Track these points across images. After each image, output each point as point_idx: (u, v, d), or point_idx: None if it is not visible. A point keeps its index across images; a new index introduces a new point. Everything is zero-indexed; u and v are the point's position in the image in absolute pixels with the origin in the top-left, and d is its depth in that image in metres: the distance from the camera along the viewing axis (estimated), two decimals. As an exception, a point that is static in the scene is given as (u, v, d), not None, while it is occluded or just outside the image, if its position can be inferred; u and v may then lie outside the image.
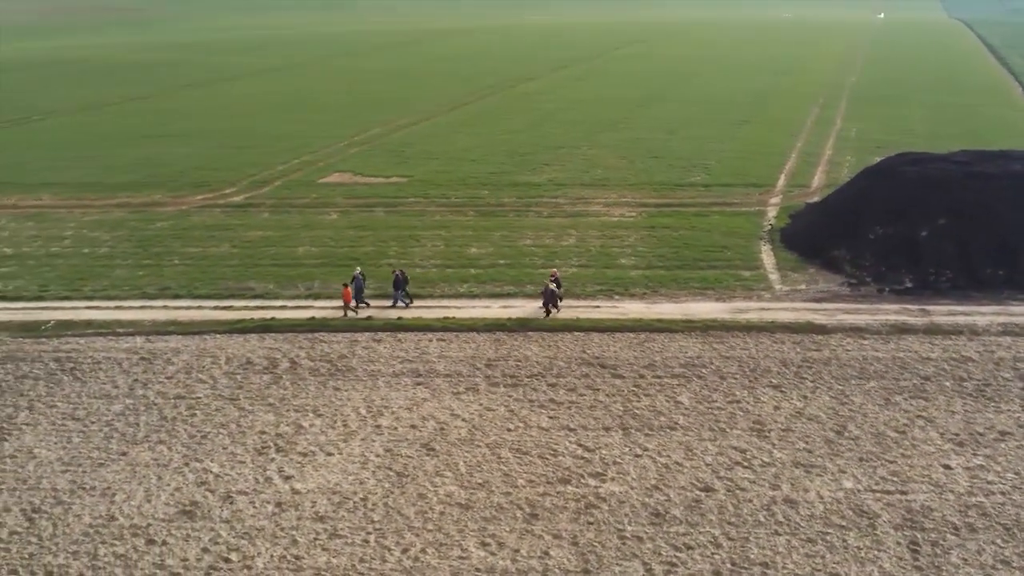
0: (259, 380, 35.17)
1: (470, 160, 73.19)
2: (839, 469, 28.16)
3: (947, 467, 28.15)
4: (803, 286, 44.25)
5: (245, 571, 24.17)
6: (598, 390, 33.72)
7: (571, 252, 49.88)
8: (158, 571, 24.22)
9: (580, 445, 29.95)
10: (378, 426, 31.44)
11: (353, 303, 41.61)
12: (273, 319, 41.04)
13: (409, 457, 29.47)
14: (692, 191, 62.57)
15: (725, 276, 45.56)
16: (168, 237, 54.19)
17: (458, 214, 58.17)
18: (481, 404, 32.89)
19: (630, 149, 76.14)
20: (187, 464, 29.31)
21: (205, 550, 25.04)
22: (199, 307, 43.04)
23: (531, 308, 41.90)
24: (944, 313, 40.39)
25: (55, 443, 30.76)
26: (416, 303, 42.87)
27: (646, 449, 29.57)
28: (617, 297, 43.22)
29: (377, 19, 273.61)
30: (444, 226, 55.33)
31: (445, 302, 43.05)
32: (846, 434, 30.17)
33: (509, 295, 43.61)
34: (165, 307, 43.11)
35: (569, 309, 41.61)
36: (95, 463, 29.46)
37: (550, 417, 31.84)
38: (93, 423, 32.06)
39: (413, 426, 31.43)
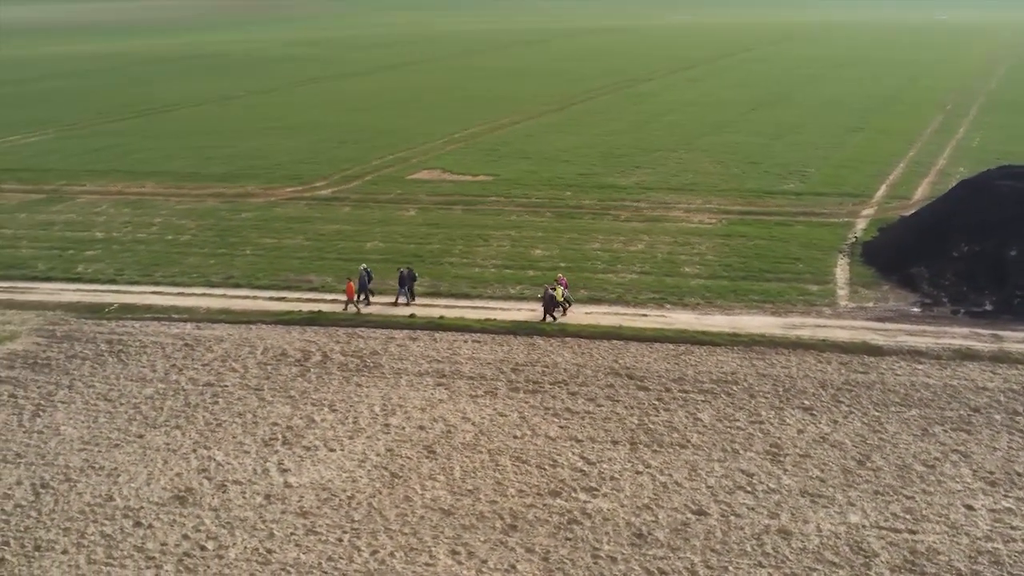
0: (288, 372, 35.71)
1: (562, 161, 72.53)
2: (849, 501, 26.38)
3: (969, 507, 25.97)
4: (871, 304, 41.81)
5: (216, 560, 24.50)
6: (618, 402, 32.71)
7: (636, 258, 48.69)
8: (136, 553, 24.83)
9: (583, 458, 29.11)
10: (387, 425, 31.40)
11: (359, 297, 42.00)
12: (320, 312, 41.61)
13: (408, 458, 29.30)
14: (782, 199, 60.15)
15: (789, 290, 43.53)
16: (248, 227, 55.79)
17: (534, 215, 57.71)
18: (495, 409, 32.41)
19: (728, 154, 73.87)
20: (195, 450, 29.99)
21: (185, 536, 25.53)
22: (255, 297, 44.11)
23: (579, 313, 41.09)
24: (1018, 340, 37.41)
25: (82, 422, 32.03)
26: (464, 303, 42.76)
27: (649, 466, 28.48)
28: (668, 306, 41.90)
29: (521, 18, 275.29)
30: (516, 226, 54.98)
31: (493, 303, 42.70)
32: (868, 464, 28.26)
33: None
34: (224, 295, 44.37)
35: (614, 316, 40.61)
36: (111, 444, 30.50)
37: (560, 427, 31.09)
38: (122, 405, 33.22)
39: (421, 427, 31.25)
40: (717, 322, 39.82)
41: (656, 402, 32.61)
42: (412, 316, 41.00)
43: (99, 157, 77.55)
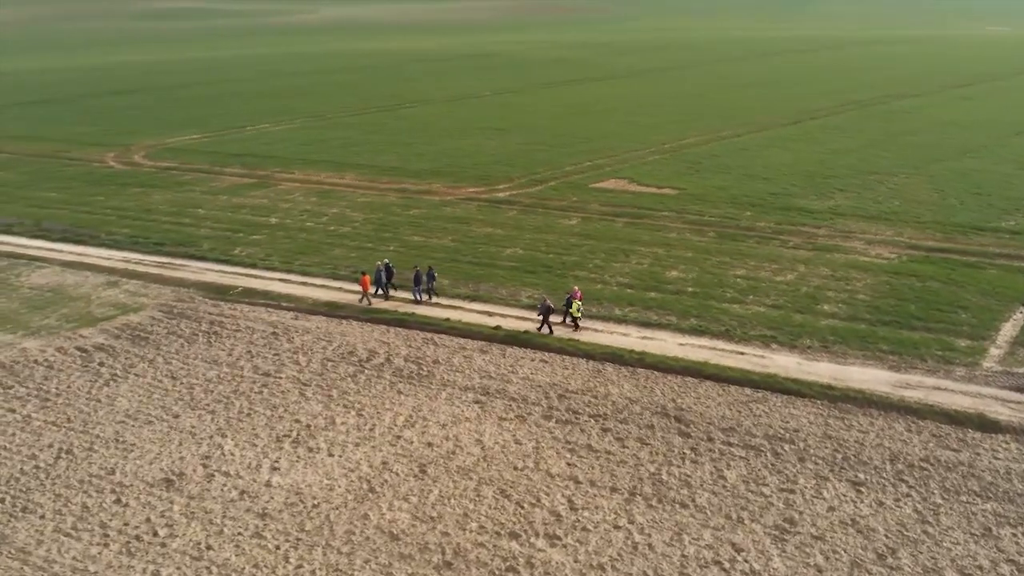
0: (343, 370, 35.88)
1: (762, 178, 67.89)
2: (835, 601, 22.32)
3: (983, 636, 21.10)
4: (1023, 369, 35.41)
5: (158, 548, 24.96)
6: (647, 445, 29.87)
7: (776, 289, 44.43)
8: (97, 529, 25.87)
9: (569, 501, 26.82)
10: (399, 437, 30.65)
11: (376, 291, 43.29)
12: (412, 314, 41.50)
13: (396, 474, 28.40)
14: (990, 237, 52.62)
15: (931, 342, 37.88)
16: (407, 224, 56.92)
17: (697, 233, 54.39)
18: (514, 435, 30.68)
19: (956, 182, 65.77)
20: (211, 437, 30.84)
21: (147, 519, 26.26)
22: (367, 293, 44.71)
23: (672, 343, 38.15)
24: None
25: (137, 396, 33.95)
26: (555, 320, 40.86)
27: (633, 521, 25.72)
28: (775, 346, 37.80)
29: (813, 24, 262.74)
30: (668, 244, 52.06)
31: (590, 322, 40.52)
32: (888, 560, 23.81)
33: (662, 326, 40.01)
34: (340, 288, 45.48)
35: (708, 351, 37.24)
36: (146, 420, 32.07)
37: (568, 464, 28.86)
38: (181, 384, 34.87)
39: (430, 444, 30.22)
40: (818, 370, 35.36)
41: (688, 451, 29.43)
42: (497, 328, 39.87)
43: (319, 147, 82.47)
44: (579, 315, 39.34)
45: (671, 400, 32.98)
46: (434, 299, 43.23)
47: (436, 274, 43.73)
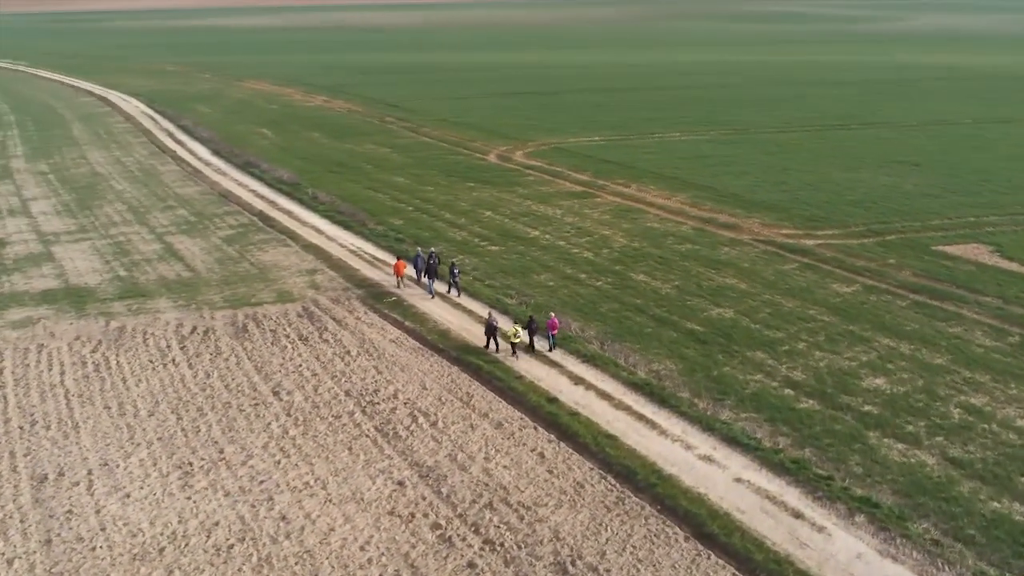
0: (341, 408, 32.86)
1: None
2: None
3: None
4: None
5: (-62, 543, 24.95)
6: (486, 603, 22.49)
7: (990, 436, 31.06)
8: (-65, 506, 26.62)
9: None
10: (270, 499, 27.09)
11: (419, 279, 44.87)
12: (503, 362, 36.51)
13: (204, 540, 25.08)
14: None
15: None
16: (652, 260, 50.49)
17: (994, 335, 40.04)
18: (371, 538, 25.21)
19: None
20: (140, 444, 30.22)
21: (-26, 511, 26.38)
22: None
23: (730, 474, 28.58)
24: None
25: (156, 387, 34.53)
26: (652, 413, 32.88)
27: None
28: (859, 519, 26.17)
29: None
30: (926, 341, 39.15)
31: (670, 421, 31.96)
32: None
33: (750, 449, 30.08)
34: (481, 318, 41.60)
35: (762, 499, 27.13)
36: (123, 412, 32.50)
37: (371, 593, 22.88)
38: (199, 385, 34.65)
39: (284, 518, 26.20)
40: (875, 573, 23.67)
41: (516, 630, 21.52)
42: (553, 400, 33.30)
43: (689, 164, 76.53)
44: (517, 341, 36.32)
45: (600, 552, 24.45)
46: (452, 292, 44.33)
47: (458, 271, 44.59)
